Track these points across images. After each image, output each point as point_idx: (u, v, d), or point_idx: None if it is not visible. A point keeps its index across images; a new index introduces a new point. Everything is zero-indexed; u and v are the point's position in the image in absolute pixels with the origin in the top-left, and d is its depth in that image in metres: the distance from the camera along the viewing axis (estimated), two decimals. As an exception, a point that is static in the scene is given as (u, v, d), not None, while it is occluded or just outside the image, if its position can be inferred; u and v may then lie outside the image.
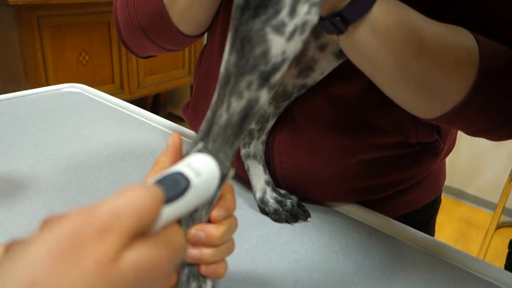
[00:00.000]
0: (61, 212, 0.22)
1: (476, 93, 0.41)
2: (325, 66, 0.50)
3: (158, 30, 0.58)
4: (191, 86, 2.83)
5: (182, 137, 0.80)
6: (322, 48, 0.49)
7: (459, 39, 0.41)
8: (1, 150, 0.70)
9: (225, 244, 0.37)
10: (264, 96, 0.32)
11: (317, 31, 0.47)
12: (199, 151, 0.33)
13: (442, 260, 0.53)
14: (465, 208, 2.56)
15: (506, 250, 2.16)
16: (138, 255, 0.22)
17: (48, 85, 1.97)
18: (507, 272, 0.52)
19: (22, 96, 0.94)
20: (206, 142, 0.35)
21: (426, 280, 0.50)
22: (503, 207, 1.96)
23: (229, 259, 0.43)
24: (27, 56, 1.89)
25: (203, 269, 0.36)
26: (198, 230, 0.35)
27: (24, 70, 1.91)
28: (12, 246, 0.20)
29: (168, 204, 0.26)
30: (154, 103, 2.99)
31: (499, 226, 2.14)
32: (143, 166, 0.69)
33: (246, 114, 0.32)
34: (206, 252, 0.35)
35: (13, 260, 0.19)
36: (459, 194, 2.60)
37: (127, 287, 0.21)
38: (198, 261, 0.35)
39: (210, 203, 0.37)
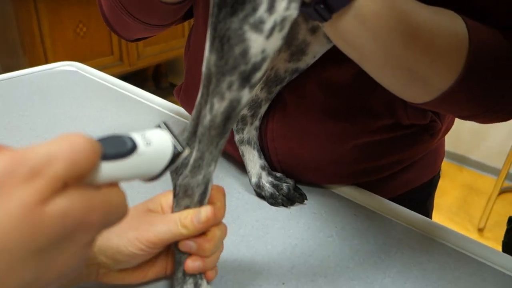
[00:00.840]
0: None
1: (465, 80, 0.40)
2: (317, 49, 0.49)
3: (137, 2, 0.54)
4: (192, 56, 2.79)
5: (177, 117, 0.80)
6: (313, 30, 0.47)
7: (449, 24, 0.39)
8: (-3, 136, 0.70)
9: (216, 252, 0.38)
10: (246, 96, 0.31)
11: (307, 14, 0.45)
12: (158, 126, 0.32)
13: (438, 242, 0.54)
14: (468, 174, 2.56)
15: (508, 216, 2.18)
16: (67, 202, 0.21)
17: (46, 58, 1.95)
18: (503, 254, 0.52)
19: (17, 77, 0.92)
20: (192, 142, 0.35)
21: (421, 264, 0.50)
22: (507, 172, 1.96)
23: (224, 246, 0.44)
24: (23, 29, 1.86)
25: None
26: (190, 240, 0.36)
27: (21, 43, 1.89)
28: None
29: (107, 161, 0.26)
30: (155, 74, 2.95)
31: (502, 191, 2.14)
32: (140, 150, 0.69)
33: (229, 115, 0.32)
34: (197, 264, 0.37)
35: None
36: (463, 160, 2.60)
37: (50, 233, 0.20)
38: (190, 270, 0.37)
39: (201, 203, 0.38)
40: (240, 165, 0.64)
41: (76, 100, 0.84)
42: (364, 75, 0.44)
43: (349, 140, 0.55)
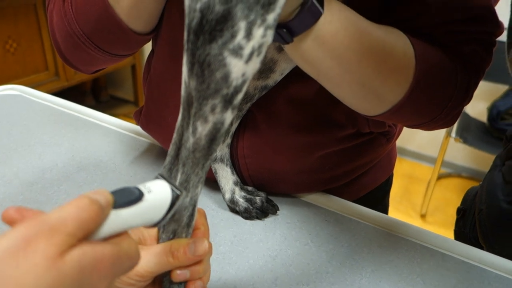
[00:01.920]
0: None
1: (413, 93, 0.45)
2: (285, 66, 0.51)
3: (106, 34, 0.54)
4: (132, 66, 2.72)
5: (137, 137, 0.79)
6: (280, 48, 0.49)
7: (398, 43, 0.44)
8: None
9: (207, 270, 0.40)
10: (229, 117, 0.33)
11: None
12: (156, 177, 0.35)
13: (404, 239, 0.58)
14: (407, 164, 2.73)
15: (446, 201, 2.35)
16: (81, 252, 0.26)
17: (-26, 79, 1.81)
18: (462, 244, 0.57)
19: (-47, 105, 0.86)
20: (175, 165, 0.36)
21: (392, 261, 0.54)
22: (442, 160, 2.13)
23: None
24: None
25: None
26: (183, 270, 0.37)
27: None
28: None
29: (119, 209, 0.29)
30: (94, 87, 2.84)
31: (438, 178, 2.31)
32: (103, 175, 0.67)
33: (213, 136, 0.33)
34: (199, 284, 0.38)
35: None
36: (401, 151, 2.77)
37: (71, 280, 0.25)
38: None
39: (188, 226, 0.38)
40: (209, 182, 0.65)
41: (26, 127, 0.79)
42: (326, 90, 0.48)
43: (317, 150, 0.58)
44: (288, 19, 0.37)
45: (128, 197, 0.30)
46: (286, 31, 0.38)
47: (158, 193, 0.33)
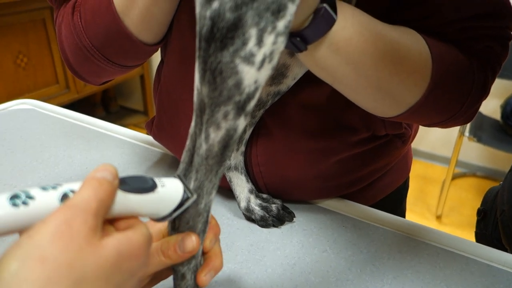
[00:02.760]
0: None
1: (430, 95, 0.44)
2: (297, 70, 0.50)
3: (116, 46, 0.54)
4: (141, 77, 2.73)
5: (150, 147, 0.79)
6: (292, 53, 0.48)
7: (413, 44, 0.43)
8: (-41, 189, 0.65)
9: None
10: (242, 123, 0.32)
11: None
12: (174, 176, 0.36)
13: (425, 243, 0.56)
14: (420, 165, 2.70)
15: (462, 201, 2.32)
16: (117, 240, 0.28)
17: (-14, 94, 1.84)
18: (485, 247, 0.56)
19: (-33, 121, 0.87)
20: (189, 172, 0.35)
21: (413, 267, 0.53)
22: (456, 159, 2.10)
23: (226, 275, 0.44)
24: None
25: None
26: (209, 271, 0.38)
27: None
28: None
29: (129, 193, 0.30)
30: (104, 98, 2.87)
31: (453, 178, 2.28)
32: (118, 186, 0.67)
33: (226, 143, 0.33)
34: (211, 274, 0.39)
35: (23, 246, 0.25)
36: (414, 152, 2.74)
37: (110, 265, 0.27)
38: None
39: (203, 233, 0.38)
40: (223, 191, 0.64)
41: (39, 141, 0.80)
42: (338, 94, 0.47)
43: (331, 156, 0.57)
44: (302, 27, 0.37)
45: (141, 184, 0.31)
46: (300, 39, 0.38)
47: (170, 189, 0.33)
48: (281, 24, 0.30)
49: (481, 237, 0.72)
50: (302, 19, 0.36)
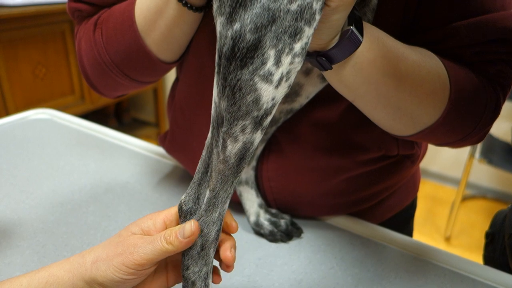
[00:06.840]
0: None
1: (447, 116, 0.45)
2: (311, 89, 0.52)
3: (135, 64, 0.55)
4: (154, 90, 2.78)
5: (161, 159, 0.80)
6: (307, 73, 0.50)
7: (432, 67, 0.44)
8: (-23, 194, 0.67)
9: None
10: (258, 137, 0.34)
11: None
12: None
13: (432, 264, 0.57)
14: (429, 186, 2.68)
15: (471, 223, 2.29)
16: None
17: (5, 102, 1.88)
18: (492, 269, 0.56)
19: (-13, 128, 0.89)
20: (204, 181, 0.37)
21: (420, 287, 0.53)
22: (466, 181, 2.08)
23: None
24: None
25: None
26: (231, 251, 0.40)
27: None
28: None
29: None
30: (117, 110, 2.91)
31: (462, 199, 2.26)
32: (130, 196, 0.68)
33: (243, 155, 0.34)
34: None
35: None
36: (423, 173, 2.72)
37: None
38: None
39: (217, 240, 0.39)
40: (232, 204, 0.65)
41: (55, 149, 0.82)
42: (352, 112, 0.48)
43: (341, 173, 0.58)
44: (328, 47, 0.38)
45: None
46: (326, 59, 0.39)
47: None
48: (298, 46, 0.32)
49: (488, 260, 0.72)
50: (327, 40, 0.37)
